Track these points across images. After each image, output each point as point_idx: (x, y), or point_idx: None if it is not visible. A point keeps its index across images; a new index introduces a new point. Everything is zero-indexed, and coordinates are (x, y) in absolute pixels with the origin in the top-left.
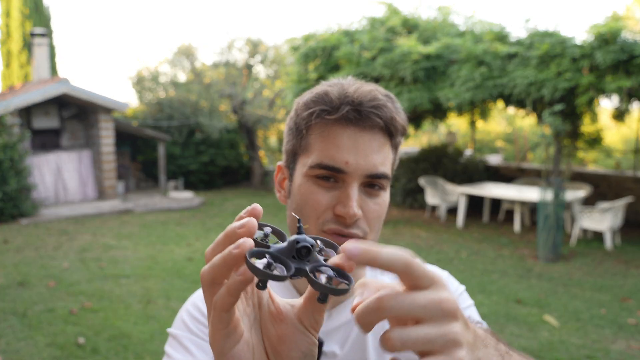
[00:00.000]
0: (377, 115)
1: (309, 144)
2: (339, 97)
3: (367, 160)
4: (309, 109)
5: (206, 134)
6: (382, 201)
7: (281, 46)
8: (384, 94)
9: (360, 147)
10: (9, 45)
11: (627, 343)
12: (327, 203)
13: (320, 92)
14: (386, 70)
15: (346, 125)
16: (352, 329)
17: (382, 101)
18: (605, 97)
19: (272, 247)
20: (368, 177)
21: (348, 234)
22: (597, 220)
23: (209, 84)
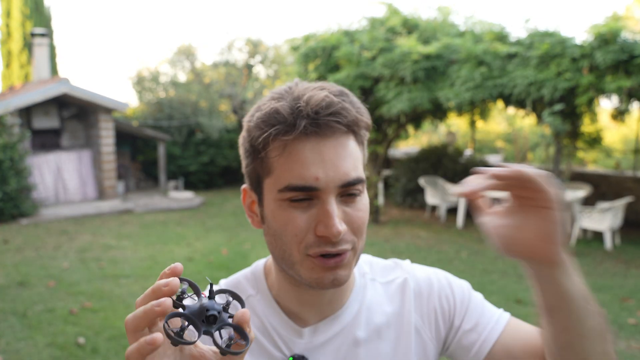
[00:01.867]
0: (336, 122)
1: (270, 165)
2: (292, 112)
3: (337, 170)
4: (261, 130)
5: (206, 134)
6: (363, 205)
7: (281, 46)
8: (338, 93)
9: (327, 158)
10: (10, 45)
11: (627, 343)
12: (307, 225)
13: (270, 109)
14: (386, 70)
15: (306, 139)
16: (343, 342)
17: (339, 105)
18: (605, 97)
19: (187, 309)
20: (342, 187)
21: (337, 252)
22: (597, 220)
23: (209, 84)
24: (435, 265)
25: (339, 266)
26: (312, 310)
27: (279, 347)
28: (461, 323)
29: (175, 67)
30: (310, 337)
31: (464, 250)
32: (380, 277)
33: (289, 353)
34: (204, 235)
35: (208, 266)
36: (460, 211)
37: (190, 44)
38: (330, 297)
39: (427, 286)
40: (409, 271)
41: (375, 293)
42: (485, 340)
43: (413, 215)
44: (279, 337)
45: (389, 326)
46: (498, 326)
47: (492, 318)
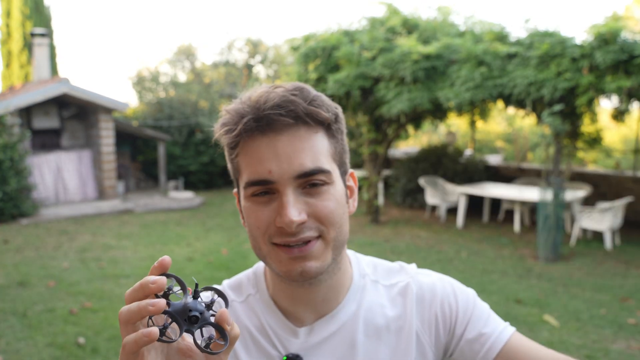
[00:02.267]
0: (280, 114)
1: (239, 166)
2: (237, 111)
3: (291, 163)
4: (217, 133)
5: (206, 134)
6: (331, 196)
7: (281, 46)
8: (291, 88)
9: (280, 151)
10: (10, 45)
11: (627, 343)
12: (268, 218)
13: (223, 112)
14: (386, 70)
15: (262, 135)
16: (339, 342)
17: (282, 99)
18: (605, 97)
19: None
20: (299, 178)
21: (297, 241)
22: (597, 220)
23: (209, 84)
24: (435, 265)
25: (306, 257)
26: (307, 309)
27: (275, 346)
28: (463, 332)
29: (175, 67)
30: (306, 337)
31: (464, 250)
32: (384, 279)
33: (285, 352)
34: (204, 235)
35: (208, 266)
36: (460, 211)
37: (190, 44)
38: (324, 295)
39: (429, 292)
40: (413, 275)
41: (377, 295)
42: (489, 351)
43: (413, 215)
44: (276, 336)
45: (389, 329)
46: (502, 338)
47: (497, 329)
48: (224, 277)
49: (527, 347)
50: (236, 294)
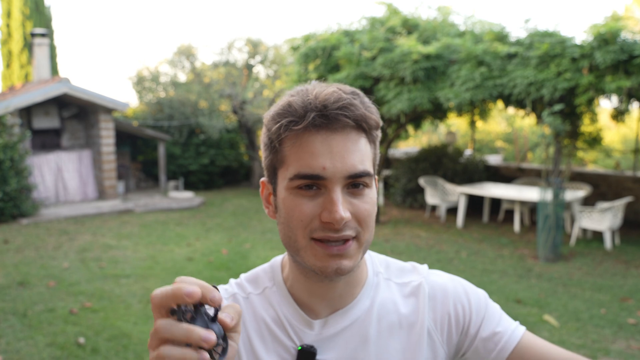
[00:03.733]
0: (344, 115)
1: (284, 157)
2: (303, 105)
3: (344, 162)
4: (276, 122)
5: (206, 134)
6: (370, 199)
7: (281, 46)
8: (349, 91)
9: (335, 149)
10: (10, 45)
11: (627, 343)
12: (312, 212)
13: (284, 103)
14: (386, 70)
15: (317, 131)
16: (352, 336)
17: (347, 100)
18: (605, 97)
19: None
20: (348, 178)
21: (338, 237)
22: (597, 220)
23: (209, 84)
24: (435, 265)
25: (343, 255)
26: (323, 303)
27: (290, 336)
28: (477, 331)
29: (175, 67)
30: (320, 329)
31: (464, 250)
32: (396, 278)
33: (300, 343)
34: (204, 235)
35: (208, 266)
36: (460, 211)
37: (190, 44)
38: (341, 290)
39: (441, 292)
40: (425, 275)
41: (390, 293)
42: (502, 349)
43: (413, 215)
44: (291, 327)
45: (401, 326)
46: (515, 336)
47: (509, 328)
48: (224, 277)
49: (539, 345)
50: (253, 287)
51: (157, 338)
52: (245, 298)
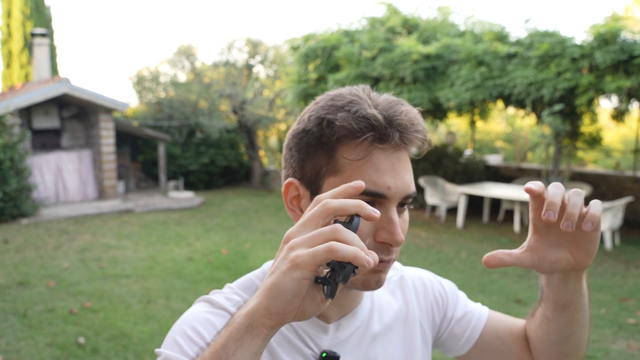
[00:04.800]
0: (417, 138)
1: (341, 166)
2: (388, 123)
3: (404, 182)
4: (351, 132)
5: (206, 134)
6: (407, 217)
7: (281, 46)
8: (418, 112)
9: (397, 168)
10: (10, 45)
11: (627, 343)
12: (368, 230)
13: (363, 114)
14: (386, 70)
15: (381, 148)
16: (362, 336)
17: (421, 124)
18: (605, 97)
19: None
20: (405, 198)
21: (389, 260)
22: None
23: (209, 84)
24: (435, 265)
25: (384, 270)
26: (336, 308)
27: (307, 343)
28: (453, 313)
29: (175, 67)
30: (335, 333)
31: (464, 250)
32: None
33: (317, 349)
34: (204, 235)
35: (208, 266)
36: (460, 211)
37: (190, 44)
38: (353, 295)
39: (420, 282)
40: (402, 269)
41: (380, 291)
42: (476, 326)
43: (413, 215)
44: (306, 333)
45: (398, 319)
46: (483, 314)
47: (477, 307)
48: (224, 277)
49: (503, 318)
50: (250, 295)
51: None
52: None
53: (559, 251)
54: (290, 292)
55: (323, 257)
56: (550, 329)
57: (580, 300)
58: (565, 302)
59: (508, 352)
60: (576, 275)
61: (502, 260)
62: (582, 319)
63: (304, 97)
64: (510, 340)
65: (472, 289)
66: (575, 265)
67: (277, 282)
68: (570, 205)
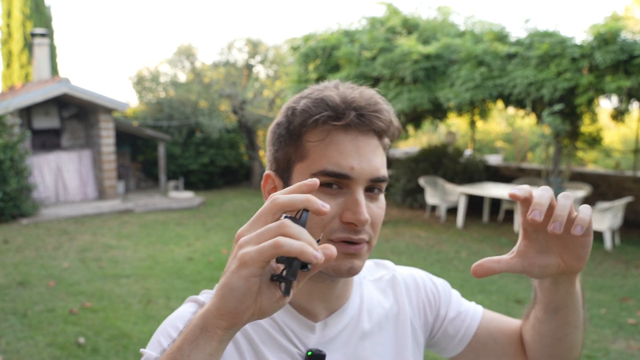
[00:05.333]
0: (378, 119)
1: (307, 150)
2: (344, 102)
3: (370, 165)
4: (310, 115)
5: (206, 134)
6: (382, 204)
7: (281, 46)
8: (381, 97)
9: (362, 151)
10: (10, 45)
11: (627, 343)
12: (334, 211)
13: (321, 97)
14: (386, 70)
15: (346, 131)
16: (351, 334)
17: (381, 105)
18: (604, 97)
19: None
20: (371, 181)
21: (358, 240)
22: (597, 220)
23: (209, 84)
24: (435, 265)
25: (356, 255)
26: (322, 304)
27: (293, 342)
28: (446, 312)
29: (175, 67)
30: (322, 332)
31: (464, 250)
32: (368, 275)
33: (303, 347)
34: (204, 235)
35: (208, 266)
36: (460, 211)
37: (190, 44)
38: (339, 291)
39: (412, 281)
40: (394, 269)
41: (369, 289)
42: (470, 326)
43: (413, 215)
44: (292, 332)
45: (388, 318)
46: (477, 313)
47: (471, 306)
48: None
49: (497, 317)
50: None
51: (274, 232)
52: None
53: (549, 256)
54: (240, 290)
55: (269, 253)
56: (542, 330)
57: (573, 303)
58: (557, 305)
59: (501, 352)
60: (567, 279)
61: (490, 269)
62: (575, 321)
63: None
64: (504, 341)
65: (472, 289)
66: (566, 269)
67: (227, 282)
68: (559, 207)
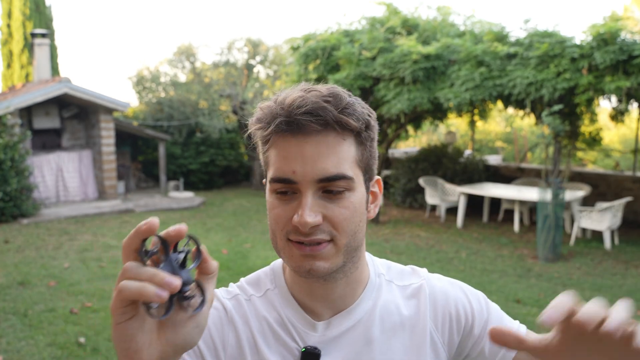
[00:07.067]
0: (310, 120)
1: (268, 161)
2: (271, 111)
3: (314, 166)
4: (251, 129)
5: (206, 134)
6: (350, 203)
7: (281, 46)
8: (326, 94)
9: (307, 154)
10: (11, 45)
11: None
12: (286, 215)
13: (257, 109)
14: (386, 70)
15: (290, 137)
16: (356, 337)
17: (314, 105)
18: (604, 97)
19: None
20: (320, 182)
21: (310, 241)
22: (596, 220)
23: (209, 84)
24: (435, 265)
25: (316, 256)
26: (325, 304)
27: (294, 338)
28: (482, 332)
29: (175, 67)
30: (324, 331)
31: (464, 250)
32: (397, 280)
33: (302, 344)
34: (204, 235)
35: None
36: (460, 211)
37: (190, 44)
38: (341, 291)
39: (442, 294)
40: (425, 278)
41: (392, 295)
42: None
43: (413, 215)
44: (294, 328)
45: (404, 327)
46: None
47: (512, 327)
48: (224, 277)
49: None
50: (255, 289)
51: (121, 278)
52: (247, 300)
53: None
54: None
55: (118, 300)
56: None
57: None
58: None
59: None
60: None
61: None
62: None
63: None
64: None
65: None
66: None
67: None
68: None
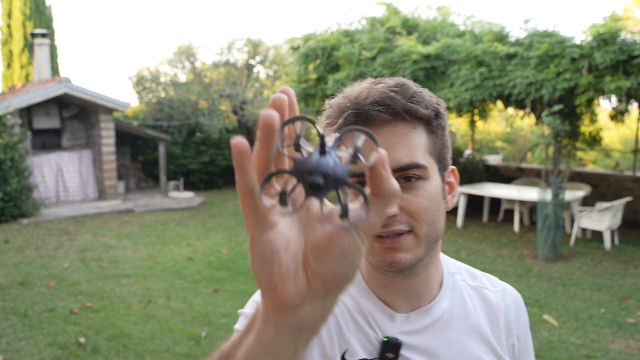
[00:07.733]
0: (378, 110)
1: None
2: (339, 106)
3: (390, 156)
4: (322, 124)
5: (206, 133)
6: (425, 192)
7: (281, 46)
8: (391, 84)
9: (382, 145)
10: (11, 45)
11: (627, 343)
12: None
13: (330, 103)
14: (386, 70)
15: (368, 126)
16: (435, 334)
17: (382, 95)
18: (604, 97)
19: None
20: (393, 172)
21: (387, 232)
22: (596, 220)
23: (209, 84)
24: None
25: (397, 248)
26: (401, 298)
27: (373, 327)
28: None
29: (175, 67)
30: (403, 324)
31: (464, 250)
32: (470, 280)
33: (381, 334)
34: (204, 235)
35: (208, 266)
36: (460, 211)
37: (190, 44)
38: (418, 287)
39: (515, 316)
40: (500, 290)
41: (466, 294)
42: None
43: None
44: (373, 318)
45: (480, 333)
46: None
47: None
48: (225, 277)
49: None
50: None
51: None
52: None
53: None
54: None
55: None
56: None
57: None
58: None
59: None
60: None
61: None
62: None
63: (304, 97)
64: None
65: None
66: None
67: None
68: None
